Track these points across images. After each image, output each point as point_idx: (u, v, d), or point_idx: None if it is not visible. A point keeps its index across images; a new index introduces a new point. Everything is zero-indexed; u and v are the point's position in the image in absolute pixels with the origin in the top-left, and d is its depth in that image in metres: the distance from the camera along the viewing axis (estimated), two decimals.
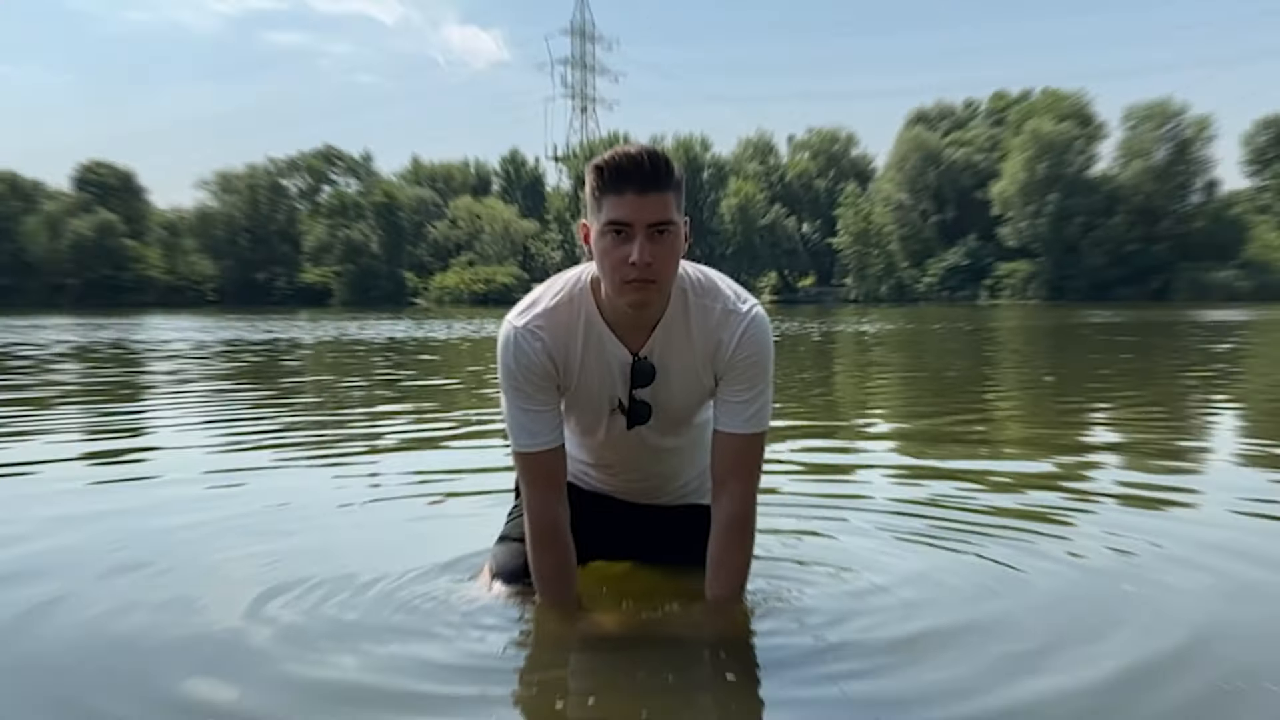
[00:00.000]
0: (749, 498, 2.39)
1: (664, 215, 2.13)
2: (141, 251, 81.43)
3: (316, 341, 19.01)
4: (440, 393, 9.09)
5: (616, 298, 2.22)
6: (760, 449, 2.38)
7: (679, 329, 2.31)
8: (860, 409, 7.86)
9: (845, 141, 78.47)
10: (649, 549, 2.78)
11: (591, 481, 2.70)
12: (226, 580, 2.91)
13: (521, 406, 2.32)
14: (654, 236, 2.12)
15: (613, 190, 2.13)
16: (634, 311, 2.25)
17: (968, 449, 5.47)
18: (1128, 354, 13.68)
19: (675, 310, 2.31)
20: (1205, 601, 2.67)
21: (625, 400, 2.38)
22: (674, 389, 2.37)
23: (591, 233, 2.21)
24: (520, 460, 2.38)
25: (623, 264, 2.13)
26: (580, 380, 2.35)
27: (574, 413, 2.46)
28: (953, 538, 3.32)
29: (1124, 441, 5.76)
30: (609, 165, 2.13)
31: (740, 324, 2.29)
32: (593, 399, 2.39)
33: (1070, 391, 8.93)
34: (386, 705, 2.03)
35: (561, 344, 2.31)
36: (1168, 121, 61.43)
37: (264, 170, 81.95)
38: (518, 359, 2.29)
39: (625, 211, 2.11)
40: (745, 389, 2.33)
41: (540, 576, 2.43)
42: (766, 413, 2.37)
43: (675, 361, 2.34)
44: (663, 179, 2.14)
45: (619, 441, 2.50)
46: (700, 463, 2.63)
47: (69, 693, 2.11)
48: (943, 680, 2.14)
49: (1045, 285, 59.65)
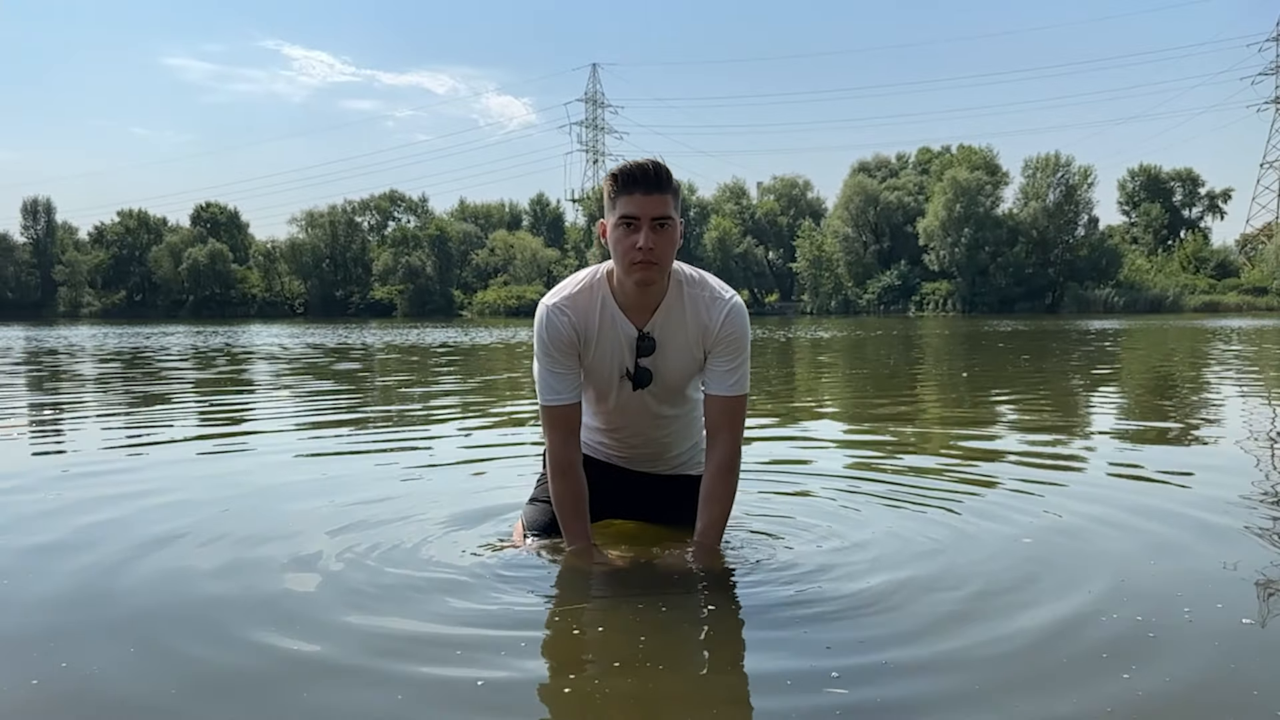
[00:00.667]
0: (735, 444, 2.41)
1: (664, 211, 2.24)
2: (244, 274, 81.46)
3: (384, 345, 18.98)
4: (482, 384, 9.05)
5: (626, 278, 2.29)
6: (743, 408, 2.42)
7: (676, 312, 2.37)
8: (815, 397, 7.82)
9: (803, 186, 78.22)
10: (651, 510, 2.77)
11: (607, 453, 2.69)
12: (298, 536, 2.84)
13: (549, 368, 2.38)
14: (656, 228, 2.23)
15: (625, 191, 2.23)
16: (639, 290, 2.32)
17: (903, 428, 5.44)
18: (1027, 354, 13.65)
19: (673, 297, 2.37)
20: (1118, 552, 2.63)
21: (632, 368, 2.42)
22: (670, 360, 2.41)
23: (607, 227, 2.29)
24: (546, 411, 2.41)
25: (632, 249, 2.23)
26: (597, 349, 2.39)
27: (592, 379, 2.47)
28: (897, 502, 3.29)
29: (1026, 421, 5.72)
30: (622, 172, 2.25)
31: (724, 309, 2.37)
32: (606, 366, 2.43)
33: (983, 384, 8.89)
34: (434, 643, 1.99)
35: (583, 320, 2.37)
36: (1058, 170, 61.17)
37: (342, 209, 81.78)
38: (549, 330, 2.36)
39: (634, 208, 2.22)
40: (728, 360, 2.38)
41: (559, 503, 2.44)
42: (746, 380, 2.42)
43: (672, 337, 2.39)
44: (664, 183, 2.25)
45: (627, 405, 2.50)
46: (691, 438, 2.67)
47: (150, 634, 2.07)
48: (893, 621, 2.11)
49: (961, 300, 59.48)
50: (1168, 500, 3.30)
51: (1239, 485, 3.53)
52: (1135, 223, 69.54)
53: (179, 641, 1.99)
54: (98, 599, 2.27)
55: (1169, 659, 1.85)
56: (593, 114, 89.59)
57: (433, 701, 1.69)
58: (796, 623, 2.06)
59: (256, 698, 1.72)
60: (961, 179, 59.79)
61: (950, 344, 18.18)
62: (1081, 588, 2.28)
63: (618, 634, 2.03)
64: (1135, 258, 62.02)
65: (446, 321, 48.38)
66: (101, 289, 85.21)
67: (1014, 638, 1.97)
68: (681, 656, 1.93)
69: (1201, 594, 2.25)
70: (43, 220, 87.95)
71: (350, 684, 1.76)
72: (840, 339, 20.59)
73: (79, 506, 3.28)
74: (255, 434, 5.42)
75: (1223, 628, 2.01)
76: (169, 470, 4.12)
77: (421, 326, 36.75)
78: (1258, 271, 58.61)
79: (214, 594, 2.31)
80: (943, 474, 3.82)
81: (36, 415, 6.53)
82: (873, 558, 2.54)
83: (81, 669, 1.84)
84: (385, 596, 2.25)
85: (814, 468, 4.03)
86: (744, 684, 1.80)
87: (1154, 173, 71.21)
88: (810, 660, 1.85)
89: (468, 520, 2.98)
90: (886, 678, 1.77)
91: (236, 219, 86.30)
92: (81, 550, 2.69)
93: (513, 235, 78.86)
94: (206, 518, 3.09)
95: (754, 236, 73.88)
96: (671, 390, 2.49)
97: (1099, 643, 1.93)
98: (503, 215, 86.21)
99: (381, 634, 2.01)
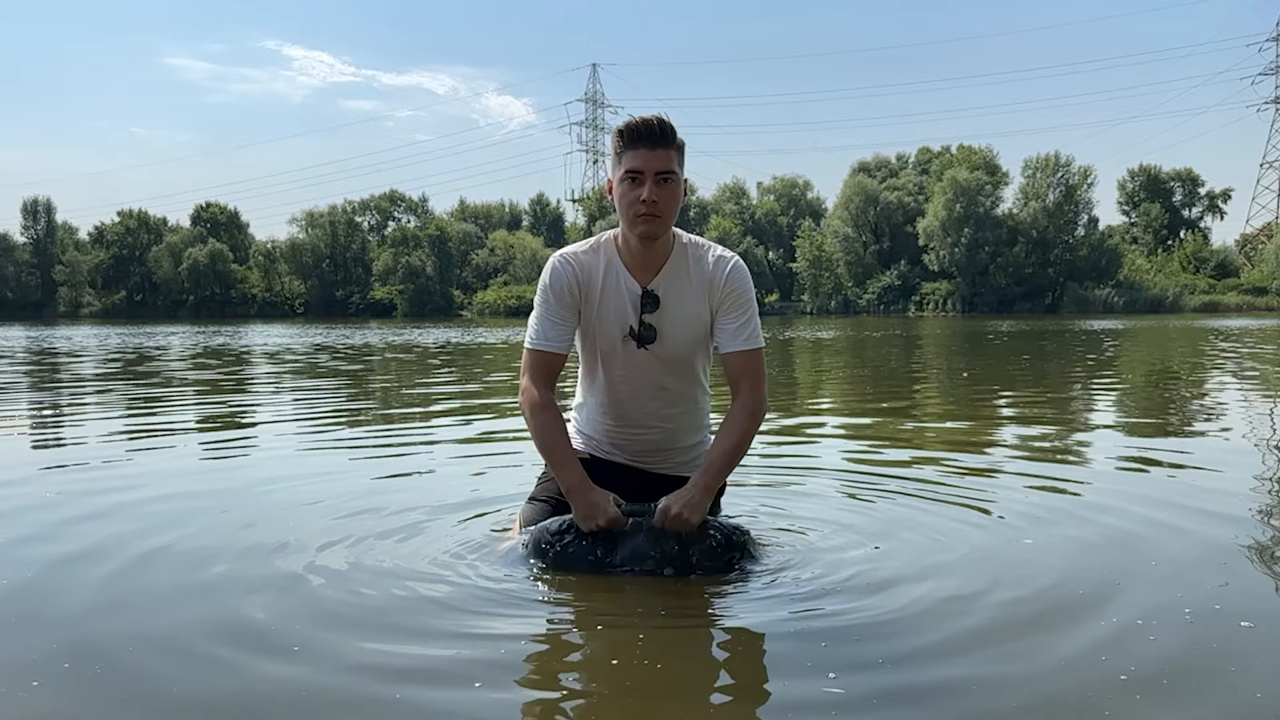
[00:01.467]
0: (757, 393, 2.42)
1: (668, 166, 2.29)
2: (244, 274, 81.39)
3: (385, 344, 18.97)
4: (483, 383, 9.06)
5: (630, 231, 2.35)
6: (760, 362, 2.45)
7: (680, 271, 2.42)
8: (816, 396, 7.82)
9: (803, 187, 78.23)
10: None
11: (610, 448, 2.64)
12: (302, 529, 2.84)
13: (545, 315, 2.43)
14: (660, 183, 2.28)
15: (630, 146, 2.29)
16: (644, 247, 2.37)
17: (903, 427, 5.44)
18: (1027, 354, 13.64)
19: (677, 256, 2.42)
20: (1110, 546, 2.63)
21: (636, 325, 2.43)
22: (675, 317, 2.43)
23: (614, 183, 2.35)
24: (531, 355, 2.44)
25: (636, 202, 2.28)
26: (600, 306, 2.43)
27: (597, 339, 2.46)
28: (899, 502, 3.29)
29: (1027, 417, 5.73)
30: (629, 128, 2.30)
31: (727, 265, 2.44)
32: (610, 323, 2.44)
33: (983, 382, 8.89)
34: (429, 632, 1.99)
35: (586, 275, 2.43)
36: (1058, 171, 61.21)
37: (342, 209, 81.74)
38: (552, 278, 2.43)
39: (639, 162, 2.28)
40: (737, 315, 2.43)
41: (543, 433, 2.40)
42: (758, 334, 2.45)
43: (676, 295, 2.42)
44: (668, 139, 2.30)
45: (630, 369, 2.47)
46: (695, 434, 2.65)
47: (167, 629, 2.06)
48: (892, 615, 2.10)
49: (961, 301, 59.47)
50: (1171, 500, 3.30)
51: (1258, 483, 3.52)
52: (1135, 223, 69.56)
53: (160, 661, 1.94)
54: (45, 616, 2.13)
55: (1174, 663, 1.85)
56: (593, 114, 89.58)
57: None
58: (802, 636, 2.05)
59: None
60: (961, 179, 59.79)
61: (951, 344, 18.18)
62: (1082, 588, 2.28)
63: (617, 651, 2.00)
64: (1135, 258, 62.03)
65: (447, 321, 48.36)
66: (101, 289, 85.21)
67: (1025, 649, 1.93)
68: (684, 674, 1.91)
69: (1200, 596, 2.25)
70: (43, 220, 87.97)
71: (328, 699, 1.68)
72: (841, 339, 20.58)
73: (64, 507, 3.27)
74: (255, 433, 5.42)
75: (1222, 629, 2.01)
76: (168, 470, 4.12)
77: (422, 326, 36.74)
78: (1257, 271, 58.61)
79: (221, 583, 2.31)
80: (946, 473, 3.82)
81: (36, 414, 6.53)
82: (874, 559, 2.54)
83: (25, 691, 1.71)
84: (377, 615, 2.12)
85: (818, 463, 4.03)
86: (750, 704, 1.78)
87: (1154, 173, 71.23)
88: (806, 679, 1.78)
89: (466, 524, 2.96)
90: (887, 679, 1.77)
91: (236, 219, 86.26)
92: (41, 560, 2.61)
93: (513, 235, 78.86)
94: (205, 521, 3.09)
95: (754, 236, 73.85)
96: (676, 354, 2.46)
97: (1104, 639, 1.94)
98: (503, 215, 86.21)
99: (374, 655, 1.88)
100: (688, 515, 2.26)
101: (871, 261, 66.58)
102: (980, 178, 60.26)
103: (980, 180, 60.13)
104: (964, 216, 59.41)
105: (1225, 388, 7.86)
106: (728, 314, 2.43)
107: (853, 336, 21.95)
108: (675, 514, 2.26)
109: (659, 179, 2.28)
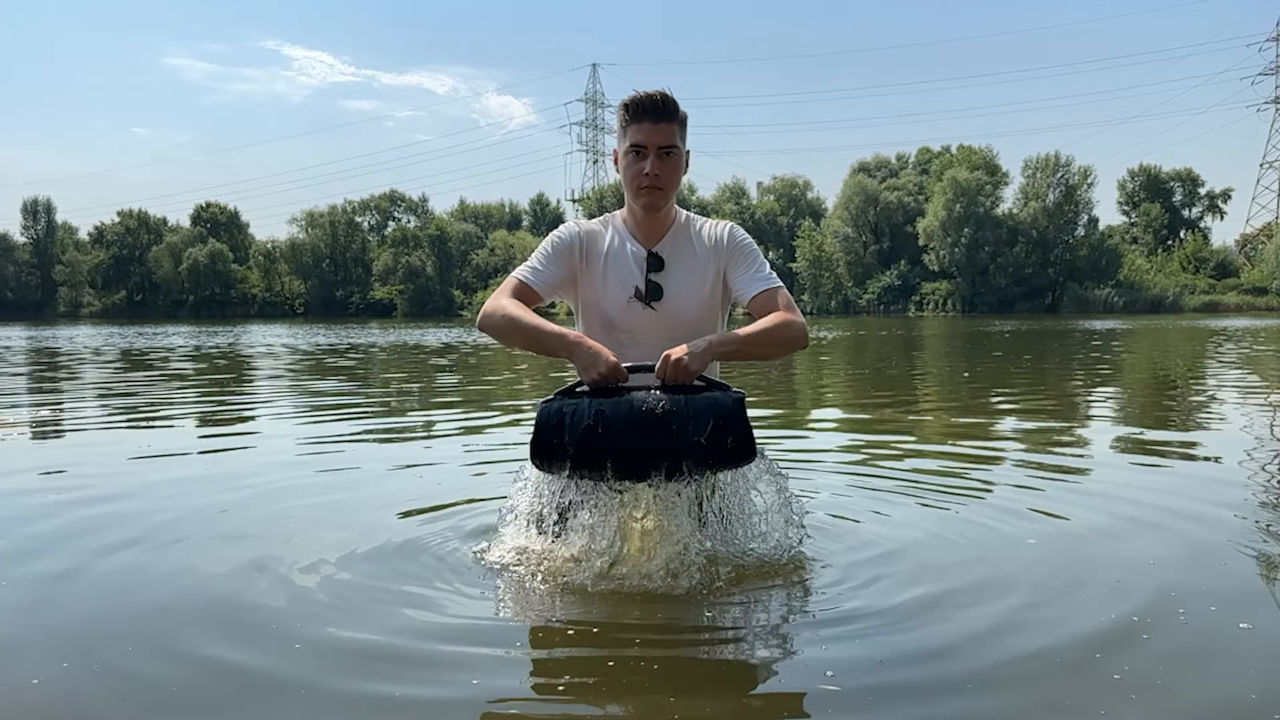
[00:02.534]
0: (795, 316, 2.43)
1: (670, 140, 2.38)
2: (244, 274, 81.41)
3: (387, 344, 18.97)
4: (483, 384, 9.05)
5: (635, 202, 2.45)
6: (787, 296, 2.49)
7: (683, 237, 2.52)
8: (819, 395, 7.82)
9: (803, 186, 78.22)
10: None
11: None
12: (302, 530, 2.86)
13: (540, 258, 2.50)
14: (662, 156, 2.38)
15: (634, 120, 2.37)
16: (648, 217, 2.46)
17: (902, 425, 5.44)
18: (1028, 354, 13.64)
19: (679, 226, 2.53)
20: (1108, 547, 2.64)
21: (642, 285, 2.46)
22: (680, 276, 2.48)
23: (619, 155, 2.45)
24: (511, 282, 2.48)
25: (640, 175, 2.38)
26: (605, 265, 2.48)
27: (605, 301, 2.47)
28: (900, 501, 3.29)
29: (1029, 413, 5.73)
30: (633, 102, 2.38)
31: (727, 226, 2.58)
32: (617, 281, 2.47)
33: (983, 383, 8.89)
34: (429, 632, 2.00)
35: (592, 239, 2.51)
36: (1058, 171, 61.19)
37: (342, 209, 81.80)
38: (559, 233, 2.54)
39: (642, 136, 2.37)
40: (749, 264, 2.51)
41: (508, 315, 2.38)
42: (775, 276, 2.51)
43: (680, 257, 2.49)
44: (671, 114, 2.38)
45: (637, 330, 2.46)
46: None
47: (167, 630, 2.07)
48: (888, 619, 2.11)
49: (961, 301, 59.47)
50: (1170, 502, 3.31)
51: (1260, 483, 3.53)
52: (1135, 223, 69.48)
53: (153, 652, 1.95)
54: (36, 607, 2.19)
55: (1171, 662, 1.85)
56: (593, 114, 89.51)
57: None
58: (801, 635, 2.06)
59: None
60: (961, 179, 59.76)
61: (951, 344, 18.18)
62: (1080, 588, 2.29)
63: (614, 651, 2.00)
64: (1135, 258, 61.95)
65: (447, 321, 48.36)
66: (101, 289, 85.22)
67: (1021, 648, 1.95)
68: (685, 670, 1.93)
69: (1243, 599, 2.25)
70: (43, 220, 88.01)
71: (322, 700, 1.70)
72: (842, 339, 20.58)
73: (64, 507, 3.28)
74: (255, 432, 5.42)
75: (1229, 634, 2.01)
76: (168, 471, 4.13)
77: (422, 327, 36.74)
78: (1257, 271, 58.58)
79: (176, 604, 2.30)
80: (948, 473, 3.82)
81: (35, 415, 6.53)
82: (873, 559, 2.55)
83: (19, 682, 1.75)
84: (376, 614, 2.14)
85: (819, 464, 4.03)
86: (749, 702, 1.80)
87: (1154, 173, 71.16)
88: (803, 677, 1.80)
89: (466, 524, 2.97)
90: (886, 679, 1.78)
91: (236, 219, 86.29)
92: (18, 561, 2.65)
93: (513, 235, 78.82)
94: (204, 522, 3.09)
95: (754, 237, 73.90)
96: (683, 316, 2.47)
97: (1100, 639, 1.94)
98: (503, 215, 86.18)
99: (373, 655, 1.90)
100: (688, 362, 2.23)
101: (871, 261, 66.55)
102: (980, 178, 60.23)
103: (980, 180, 60.09)
104: (964, 216, 59.39)
105: (1224, 387, 7.86)
106: (739, 264, 2.50)
107: (855, 336, 21.94)
108: (675, 359, 2.24)
109: (661, 153, 2.37)
